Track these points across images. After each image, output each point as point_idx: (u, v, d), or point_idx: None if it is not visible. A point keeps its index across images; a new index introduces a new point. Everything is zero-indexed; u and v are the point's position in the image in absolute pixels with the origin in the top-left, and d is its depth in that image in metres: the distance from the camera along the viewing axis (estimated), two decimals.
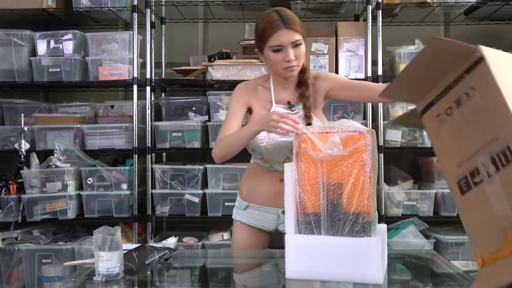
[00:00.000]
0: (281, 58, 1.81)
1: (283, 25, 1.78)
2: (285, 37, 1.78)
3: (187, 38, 3.64)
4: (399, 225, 3.14)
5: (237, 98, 1.96)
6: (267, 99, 1.94)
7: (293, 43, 1.79)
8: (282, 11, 1.83)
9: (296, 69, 1.85)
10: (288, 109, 1.90)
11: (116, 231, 1.53)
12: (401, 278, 1.73)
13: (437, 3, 3.22)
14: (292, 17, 1.81)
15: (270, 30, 1.79)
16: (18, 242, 3.06)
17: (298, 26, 1.81)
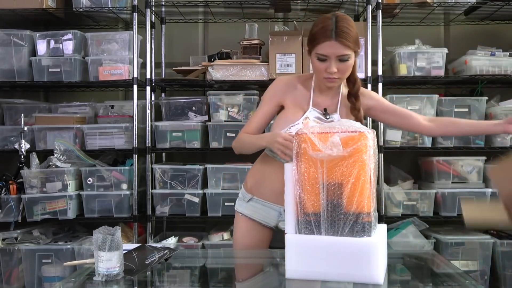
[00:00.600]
0: (323, 67, 1.78)
1: (334, 36, 1.73)
2: (332, 49, 1.74)
3: (187, 38, 3.64)
4: (399, 225, 3.14)
5: (271, 94, 1.94)
6: (305, 100, 1.91)
7: (339, 57, 1.75)
8: (341, 20, 1.77)
9: (337, 81, 1.82)
10: (322, 116, 1.88)
11: (116, 231, 1.53)
12: (401, 278, 1.73)
13: (437, 3, 3.22)
14: (347, 30, 1.74)
15: (320, 38, 1.75)
16: (18, 242, 3.06)
17: (351, 41, 1.74)
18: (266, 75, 3.15)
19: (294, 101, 1.91)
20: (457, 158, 3.16)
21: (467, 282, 1.53)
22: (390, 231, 3.14)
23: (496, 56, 3.19)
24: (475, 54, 3.20)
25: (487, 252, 3.08)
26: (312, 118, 1.86)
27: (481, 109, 3.17)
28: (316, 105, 1.90)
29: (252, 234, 1.98)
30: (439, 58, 3.18)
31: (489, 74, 3.17)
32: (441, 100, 3.18)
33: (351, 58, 1.77)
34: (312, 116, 1.87)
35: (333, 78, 1.79)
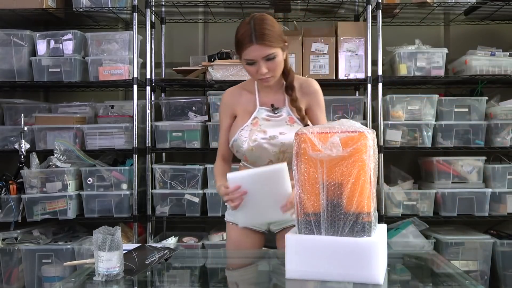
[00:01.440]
0: (254, 70, 1.82)
1: (255, 40, 1.76)
2: (256, 52, 1.77)
3: (187, 38, 3.64)
4: (399, 225, 3.14)
5: (223, 110, 2.00)
6: (251, 103, 1.95)
7: (265, 57, 1.78)
8: (257, 23, 1.79)
9: (271, 79, 1.85)
10: (271, 112, 1.91)
11: (116, 231, 1.53)
12: (401, 278, 1.73)
13: (437, 3, 3.22)
14: (266, 31, 1.76)
15: (243, 44, 1.80)
16: (18, 242, 3.06)
17: (273, 40, 1.77)
18: None
19: (243, 107, 1.96)
20: (457, 158, 3.16)
21: (467, 282, 1.53)
22: (390, 231, 3.14)
23: (496, 56, 3.20)
24: (475, 54, 3.21)
25: (487, 252, 3.08)
26: (261, 117, 1.91)
27: (481, 109, 3.17)
28: (264, 104, 1.94)
29: (244, 241, 1.99)
30: (439, 58, 3.18)
31: (489, 74, 3.17)
32: (441, 100, 3.18)
33: (278, 55, 1.79)
34: (261, 115, 1.91)
35: (266, 78, 1.82)
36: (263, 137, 1.86)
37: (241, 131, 1.90)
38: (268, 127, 1.88)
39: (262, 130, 1.88)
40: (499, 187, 3.12)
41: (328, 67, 3.18)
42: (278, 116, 1.91)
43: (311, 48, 3.18)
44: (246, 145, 1.88)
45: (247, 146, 1.88)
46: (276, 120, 1.90)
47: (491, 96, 3.28)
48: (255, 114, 1.92)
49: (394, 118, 3.16)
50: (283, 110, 1.92)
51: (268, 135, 1.87)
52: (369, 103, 3.15)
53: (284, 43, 1.83)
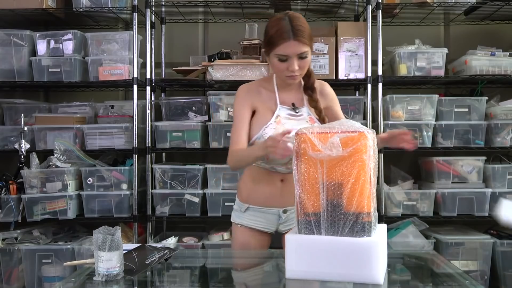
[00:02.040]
0: (285, 67, 1.82)
1: (292, 36, 1.77)
2: (292, 48, 1.78)
3: (187, 38, 3.64)
4: (399, 225, 3.14)
5: (242, 102, 1.95)
6: (272, 100, 1.94)
7: (299, 55, 1.80)
8: (294, 19, 1.81)
9: (298, 78, 1.87)
10: (292, 111, 1.92)
11: (116, 231, 1.53)
12: (401, 278, 1.73)
13: (437, 3, 3.22)
14: (302, 28, 1.79)
15: (279, 39, 1.78)
16: (18, 242, 3.06)
17: (307, 38, 1.80)
18: (266, 75, 3.15)
19: (262, 104, 1.94)
20: (457, 158, 3.16)
21: (467, 282, 1.53)
22: (390, 231, 3.14)
23: (496, 56, 3.19)
24: (475, 54, 3.21)
25: (487, 252, 3.08)
26: (283, 116, 1.91)
27: (481, 109, 3.17)
28: (283, 103, 1.94)
29: (251, 243, 1.99)
30: (439, 58, 3.18)
31: (489, 74, 3.17)
32: (441, 100, 3.18)
33: (309, 54, 1.83)
34: (283, 114, 1.91)
35: (294, 76, 1.84)
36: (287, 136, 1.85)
37: (265, 129, 1.88)
38: (291, 126, 1.86)
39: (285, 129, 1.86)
40: (499, 187, 3.12)
41: (328, 67, 3.18)
42: (299, 115, 1.92)
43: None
44: None
45: None
46: (297, 119, 1.91)
47: (491, 96, 3.28)
48: (277, 112, 1.91)
49: (394, 118, 3.16)
50: (303, 109, 1.94)
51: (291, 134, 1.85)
52: (369, 103, 3.15)
53: (312, 44, 1.87)
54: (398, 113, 3.15)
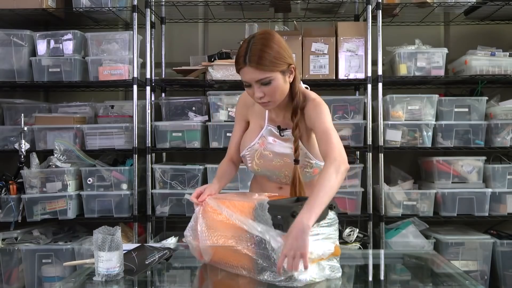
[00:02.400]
0: (251, 93, 1.68)
1: (248, 62, 1.60)
2: (248, 75, 1.63)
3: (187, 38, 3.64)
4: (399, 225, 3.14)
5: (238, 113, 1.95)
6: (262, 117, 1.87)
7: (259, 81, 1.63)
8: (256, 42, 1.62)
9: (270, 105, 1.70)
10: (278, 132, 1.83)
11: (116, 231, 1.53)
12: (401, 278, 1.73)
13: (437, 3, 3.22)
14: (260, 52, 1.60)
15: (236, 65, 1.66)
16: (18, 242, 3.06)
17: (266, 63, 1.60)
18: None
19: (253, 118, 1.89)
20: (457, 158, 3.16)
21: (467, 282, 1.53)
22: (390, 231, 3.14)
23: (496, 56, 3.19)
24: (475, 54, 3.21)
25: (487, 252, 3.08)
26: (268, 137, 1.83)
27: (481, 109, 3.17)
28: (272, 121, 1.84)
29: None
30: (439, 58, 3.18)
31: (489, 74, 3.17)
32: (441, 100, 3.18)
33: (275, 80, 1.63)
34: (268, 134, 1.83)
35: (264, 103, 1.68)
36: (269, 159, 1.82)
37: (249, 148, 1.85)
38: (274, 149, 1.82)
39: (268, 152, 1.82)
40: (499, 187, 3.12)
41: (328, 67, 3.18)
42: (285, 140, 1.82)
43: (311, 48, 3.18)
44: (251, 164, 1.86)
45: (252, 165, 1.86)
46: (281, 143, 1.82)
47: (491, 96, 3.28)
48: (263, 132, 1.84)
49: (394, 118, 3.15)
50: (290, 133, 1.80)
51: (273, 157, 1.82)
52: (369, 103, 3.15)
53: (289, 65, 1.66)
54: (398, 113, 3.15)
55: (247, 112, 1.91)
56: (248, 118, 1.91)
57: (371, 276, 1.79)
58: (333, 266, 1.52)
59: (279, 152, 1.81)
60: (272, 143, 1.82)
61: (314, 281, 1.44)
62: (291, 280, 1.41)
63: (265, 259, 1.45)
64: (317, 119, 1.74)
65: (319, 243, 1.46)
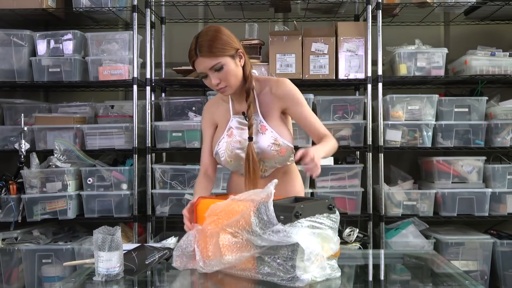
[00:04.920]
0: (209, 82, 1.80)
1: (198, 53, 1.74)
2: (201, 65, 1.76)
3: (187, 38, 3.61)
4: (399, 225, 3.14)
5: (204, 120, 2.01)
6: (227, 112, 1.94)
7: (212, 68, 1.75)
8: (201, 35, 1.77)
9: (227, 89, 1.81)
10: (244, 120, 1.89)
11: (116, 231, 1.53)
12: (401, 278, 1.73)
13: (437, 3, 3.22)
14: (206, 42, 1.74)
15: (190, 60, 1.79)
16: (18, 242, 3.06)
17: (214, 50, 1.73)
18: (266, 75, 3.15)
19: (220, 117, 1.96)
20: (457, 158, 3.16)
21: (467, 282, 1.53)
22: (390, 231, 3.14)
23: (496, 56, 3.20)
24: (475, 54, 3.21)
25: (487, 252, 3.08)
26: (235, 126, 1.90)
27: (481, 109, 3.17)
28: (237, 113, 1.92)
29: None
30: (439, 58, 3.18)
31: (489, 74, 3.17)
32: (441, 100, 3.18)
33: (226, 64, 1.76)
34: (234, 124, 1.90)
35: (221, 88, 1.80)
36: (238, 147, 1.87)
37: (219, 143, 1.91)
38: (242, 136, 1.87)
39: (237, 141, 1.87)
40: (499, 187, 3.12)
41: (328, 67, 3.18)
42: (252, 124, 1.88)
43: (311, 48, 3.18)
44: (224, 157, 1.90)
45: (225, 158, 1.89)
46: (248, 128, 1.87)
47: (491, 96, 3.28)
48: (229, 124, 1.91)
49: (394, 118, 3.16)
50: (256, 117, 1.87)
51: (242, 144, 1.86)
52: (369, 103, 3.15)
53: (237, 50, 1.79)
54: (398, 113, 3.15)
55: (213, 116, 1.99)
56: (215, 121, 1.98)
57: (371, 276, 1.79)
58: (333, 266, 1.52)
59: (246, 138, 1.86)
60: (240, 131, 1.88)
61: (315, 281, 1.44)
62: (292, 280, 1.41)
63: (267, 257, 1.46)
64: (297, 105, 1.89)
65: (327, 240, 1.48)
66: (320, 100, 3.18)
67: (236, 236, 1.50)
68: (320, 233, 1.46)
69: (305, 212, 1.46)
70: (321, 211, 1.50)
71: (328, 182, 3.15)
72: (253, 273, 1.51)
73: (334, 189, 3.15)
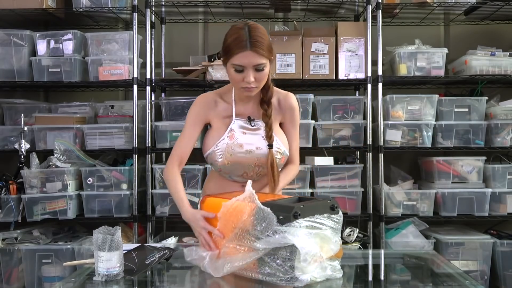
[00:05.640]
0: (240, 77, 1.75)
1: (249, 46, 1.70)
2: (248, 58, 1.71)
3: (187, 38, 3.64)
4: (399, 225, 3.14)
5: (195, 114, 1.91)
6: (228, 113, 1.90)
7: (255, 66, 1.73)
8: (253, 29, 1.73)
9: (254, 90, 1.79)
10: (247, 124, 1.87)
11: (116, 231, 1.53)
12: (401, 278, 1.73)
13: (437, 3, 3.22)
14: (261, 39, 1.72)
15: (235, 49, 1.72)
16: (18, 242, 3.06)
17: (265, 50, 1.73)
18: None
19: (217, 117, 1.90)
20: (457, 158, 3.16)
21: (467, 282, 1.53)
22: (390, 231, 3.14)
23: (496, 56, 3.20)
24: (475, 54, 3.21)
25: (487, 252, 3.08)
26: (237, 129, 1.86)
27: (481, 109, 3.17)
28: (240, 115, 1.89)
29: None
30: (439, 58, 3.18)
31: (489, 74, 3.17)
32: (441, 100, 3.18)
33: (266, 67, 1.76)
34: (237, 127, 1.87)
35: (250, 88, 1.76)
36: (239, 151, 1.84)
37: (218, 144, 1.86)
38: (245, 141, 1.85)
39: (238, 144, 1.84)
40: (499, 187, 3.12)
41: (328, 67, 3.18)
42: (255, 130, 1.87)
43: (311, 48, 3.18)
44: (222, 159, 1.85)
45: (223, 160, 1.85)
46: (252, 133, 1.87)
47: (491, 96, 3.28)
48: (231, 126, 1.87)
49: (394, 118, 3.16)
50: (259, 122, 1.88)
51: (244, 149, 1.84)
52: (369, 103, 3.15)
53: (271, 57, 1.79)
54: (398, 113, 3.15)
55: (208, 113, 1.91)
56: (209, 119, 1.92)
57: (371, 276, 1.79)
58: (334, 267, 1.51)
59: (250, 142, 1.85)
60: (242, 135, 1.86)
61: (315, 281, 1.44)
62: (292, 280, 1.41)
63: (267, 257, 1.46)
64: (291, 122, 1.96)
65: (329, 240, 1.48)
66: (320, 100, 3.18)
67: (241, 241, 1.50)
68: (318, 233, 1.46)
69: (305, 213, 1.45)
70: (322, 212, 1.49)
71: (328, 182, 3.15)
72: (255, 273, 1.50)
73: (334, 189, 3.15)
